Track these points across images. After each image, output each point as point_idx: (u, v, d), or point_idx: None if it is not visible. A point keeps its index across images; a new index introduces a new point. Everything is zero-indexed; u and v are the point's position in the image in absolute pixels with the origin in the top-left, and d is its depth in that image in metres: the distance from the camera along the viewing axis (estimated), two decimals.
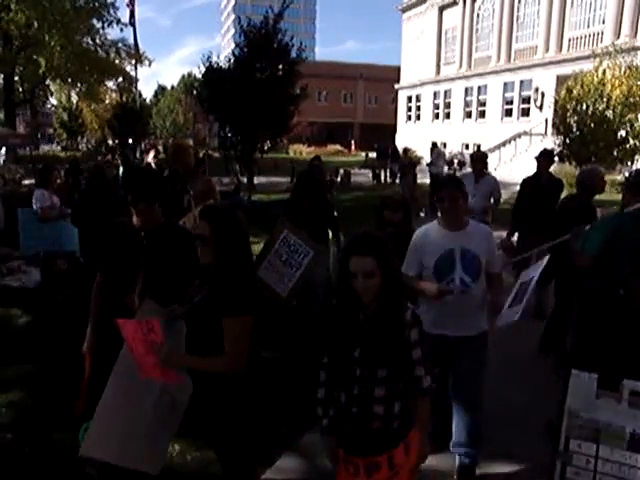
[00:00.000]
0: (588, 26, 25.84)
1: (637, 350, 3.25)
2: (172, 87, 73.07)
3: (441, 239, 3.10)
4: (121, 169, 16.18)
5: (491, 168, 13.28)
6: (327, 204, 5.28)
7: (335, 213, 5.41)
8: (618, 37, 22.92)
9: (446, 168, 13.93)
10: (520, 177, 6.47)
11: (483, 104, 33.35)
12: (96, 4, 29.17)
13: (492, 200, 6.54)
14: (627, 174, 4.12)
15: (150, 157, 7.23)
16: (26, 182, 15.61)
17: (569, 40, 26.94)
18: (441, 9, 36.88)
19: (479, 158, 6.67)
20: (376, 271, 1.95)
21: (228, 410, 2.46)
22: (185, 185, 5.16)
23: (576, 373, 2.28)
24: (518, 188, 6.27)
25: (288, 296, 4.26)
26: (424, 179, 16.28)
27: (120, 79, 36.25)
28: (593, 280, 3.57)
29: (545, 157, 6.14)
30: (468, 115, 34.90)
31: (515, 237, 6.19)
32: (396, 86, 43.58)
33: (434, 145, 14.74)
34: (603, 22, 24.71)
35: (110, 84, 40.29)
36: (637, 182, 3.64)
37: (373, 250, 1.97)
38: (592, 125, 15.94)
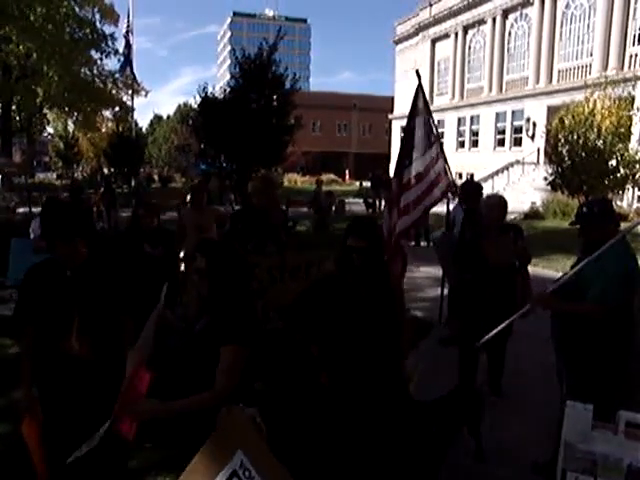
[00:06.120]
0: (577, 58, 26.42)
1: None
2: (168, 117, 73.73)
3: None
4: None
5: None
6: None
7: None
8: (606, 69, 23.42)
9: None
10: (513, 206, 6.40)
11: (476, 134, 33.79)
12: (94, 36, 29.64)
13: None
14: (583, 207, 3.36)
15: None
16: (20, 210, 15.56)
17: (559, 72, 27.49)
18: (434, 41, 37.65)
19: (474, 190, 6.32)
20: None
21: None
22: (266, 219, 4.51)
23: (571, 404, 2.24)
24: (511, 217, 6.20)
25: None
26: None
27: (117, 108, 36.61)
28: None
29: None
30: (461, 145, 35.33)
31: None
32: (390, 116, 44.13)
33: None
34: (591, 55, 25.29)
35: (107, 113, 40.70)
36: (604, 210, 3.28)
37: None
38: (583, 154, 16.12)
